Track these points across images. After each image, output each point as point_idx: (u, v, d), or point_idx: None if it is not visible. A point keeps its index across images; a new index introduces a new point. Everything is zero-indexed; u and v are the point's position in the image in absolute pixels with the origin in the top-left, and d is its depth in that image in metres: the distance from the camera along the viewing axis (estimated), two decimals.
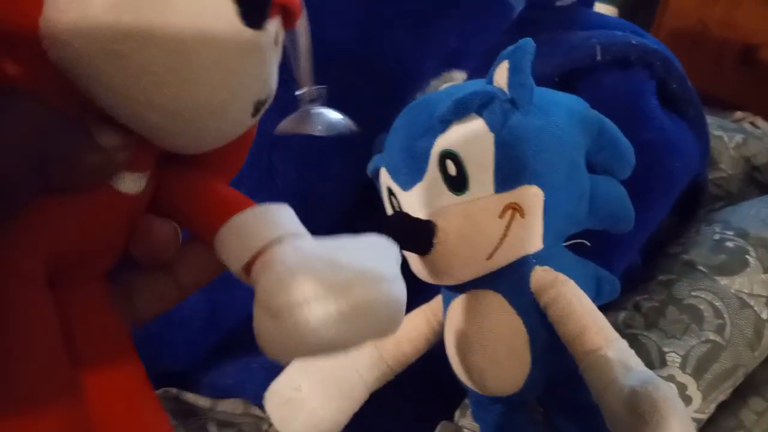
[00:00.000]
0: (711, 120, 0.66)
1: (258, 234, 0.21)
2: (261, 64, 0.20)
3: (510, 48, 0.35)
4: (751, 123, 0.86)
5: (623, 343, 0.31)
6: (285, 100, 0.43)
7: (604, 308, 0.45)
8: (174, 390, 0.43)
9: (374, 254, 0.21)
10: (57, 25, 0.17)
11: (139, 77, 0.17)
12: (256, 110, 0.21)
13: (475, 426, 0.41)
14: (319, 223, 0.44)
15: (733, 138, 0.62)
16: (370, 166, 0.41)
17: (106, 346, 0.22)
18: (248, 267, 0.21)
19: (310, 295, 0.18)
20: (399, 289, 0.20)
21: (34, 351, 0.18)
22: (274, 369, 0.38)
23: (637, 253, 0.49)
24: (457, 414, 0.43)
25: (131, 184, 0.21)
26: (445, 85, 0.44)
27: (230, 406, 0.43)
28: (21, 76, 0.18)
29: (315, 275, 0.18)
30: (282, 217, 0.22)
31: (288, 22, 0.22)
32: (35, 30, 0.17)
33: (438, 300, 0.40)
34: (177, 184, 0.23)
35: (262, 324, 0.19)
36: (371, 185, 0.42)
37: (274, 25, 0.21)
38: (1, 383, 0.17)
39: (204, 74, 0.18)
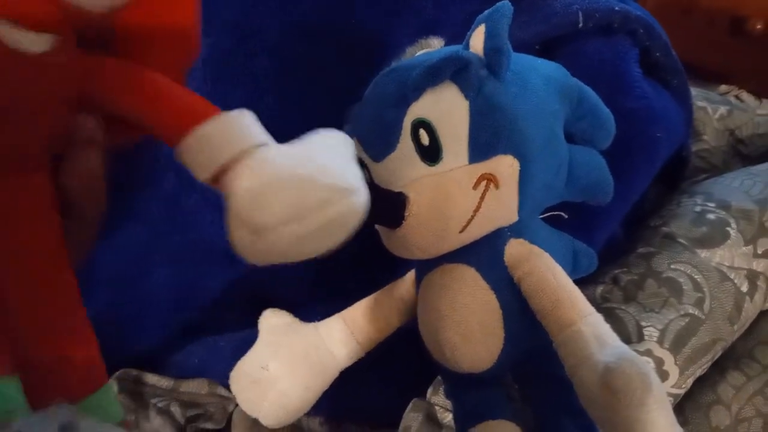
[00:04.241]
0: (696, 91, 0.64)
1: (225, 145, 0.21)
2: None
3: (487, 12, 0.34)
4: (736, 96, 0.85)
5: (598, 318, 0.31)
6: None
7: (582, 281, 0.44)
8: (134, 372, 0.42)
9: (340, 159, 0.22)
10: None
11: None
12: None
13: (448, 403, 0.40)
14: None
15: (717, 110, 0.61)
16: None
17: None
18: (215, 176, 0.22)
19: (290, 216, 0.20)
20: (363, 198, 0.22)
21: None
22: (241, 348, 0.37)
23: (619, 225, 0.48)
24: (429, 391, 0.42)
25: (31, 42, 0.20)
26: (420, 52, 0.43)
27: (194, 387, 0.42)
28: None
29: (290, 195, 0.20)
30: (246, 126, 0.22)
31: None
32: None
33: (411, 275, 0.39)
34: (130, 83, 0.23)
35: (242, 236, 0.20)
36: None
37: None
38: None
39: None
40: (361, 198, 0.22)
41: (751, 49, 0.89)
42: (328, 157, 0.22)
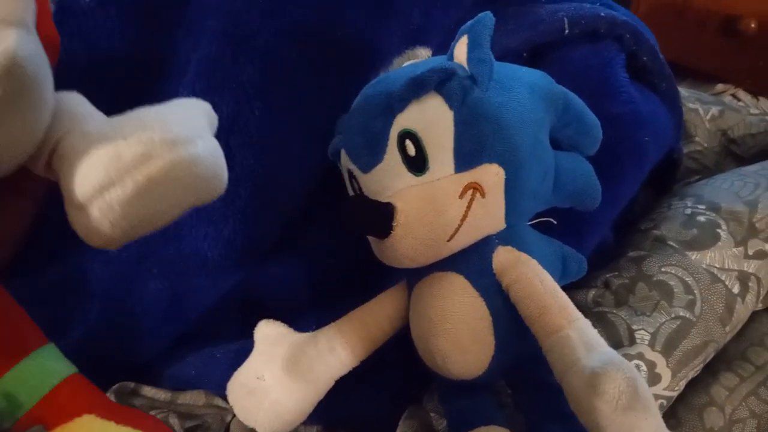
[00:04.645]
0: (688, 93, 0.65)
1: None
2: None
3: (469, 22, 0.34)
4: (733, 95, 0.85)
5: (586, 323, 0.31)
6: None
7: (574, 286, 0.44)
8: (131, 384, 0.42)
9: (168, 115, 0.21)
10: None
11: None
12: None
13: (442, 410, 0.41)
14: (280, 208, 0.44)
15: (709, 110, 0.62)
16: (330, 149, 0.40)
17: None
18: (49, 164, 0.20)
19: (105, 181, 0.18)
20: (200, 147, 0.20)
21: None
22: (238, 358, 0.38)
23: (609, 229, 0.48)
24: (425, 398, 0.42)
25: None
26: (407, 63, 0.43)
27: (191, 398, 0.42)
28: None
29: (101, 160, 0.19)
30: (67, 105, 0.21)
31: None
32: None
33: (403, 283, 0.39)
34: None
35: (73, 217, 0.19)
36: (334, 167, 0.41)
37: None
38: None
39: None
40: (192, 147, 0.20)
41: (745, 48, 0.89)
42: (154, 115, 0.20)
